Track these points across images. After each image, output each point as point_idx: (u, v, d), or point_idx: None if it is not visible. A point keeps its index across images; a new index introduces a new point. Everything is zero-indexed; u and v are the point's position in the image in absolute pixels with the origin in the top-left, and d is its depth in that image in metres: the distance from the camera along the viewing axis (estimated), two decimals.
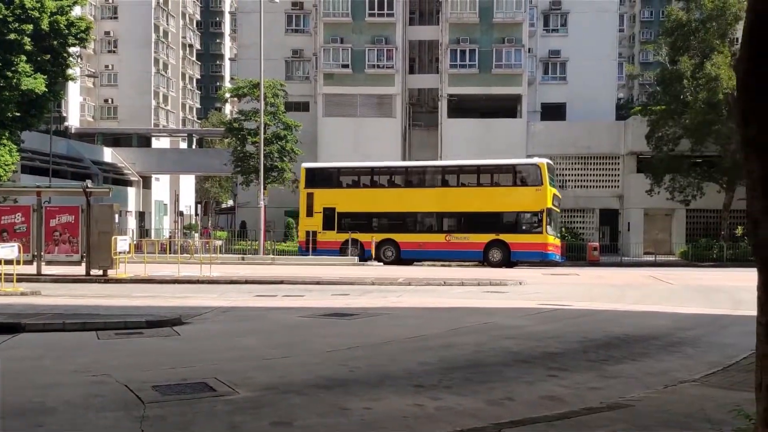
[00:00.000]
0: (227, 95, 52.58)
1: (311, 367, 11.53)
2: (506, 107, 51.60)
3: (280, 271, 30.95)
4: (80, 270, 26.15)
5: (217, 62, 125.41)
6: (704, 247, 44.14)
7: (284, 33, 57.68)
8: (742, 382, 10.53)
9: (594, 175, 48.99)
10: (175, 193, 70.67)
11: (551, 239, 36.04)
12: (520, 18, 50.41)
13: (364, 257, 37.99)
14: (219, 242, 40.72)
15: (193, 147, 72.22)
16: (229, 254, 40.25)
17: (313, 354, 12.72)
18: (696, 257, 43.49)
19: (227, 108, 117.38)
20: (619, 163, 48.47)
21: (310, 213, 39.78)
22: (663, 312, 18.91)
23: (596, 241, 44.44)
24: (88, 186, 26.22)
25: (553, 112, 54.23)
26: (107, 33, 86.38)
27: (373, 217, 38.97)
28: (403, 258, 37.97)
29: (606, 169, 48.75)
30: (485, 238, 36.32)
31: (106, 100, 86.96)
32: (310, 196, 39.78)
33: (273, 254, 40.33)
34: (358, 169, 42.01)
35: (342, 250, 38.34)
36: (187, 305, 19.01)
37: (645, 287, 26.92)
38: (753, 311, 16.58)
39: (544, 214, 35.51)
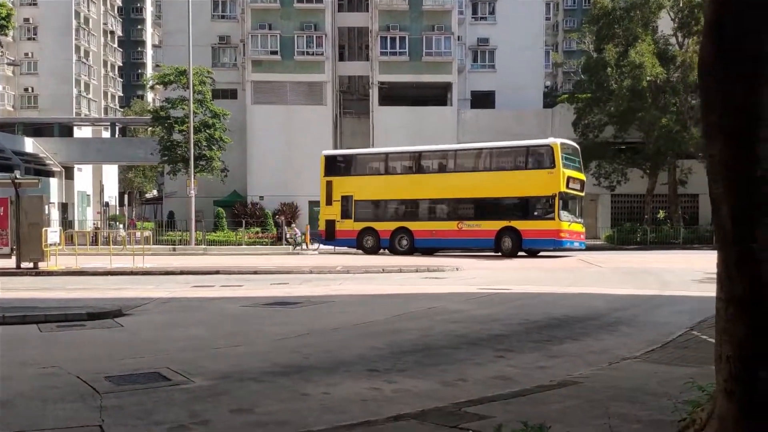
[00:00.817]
0: (152, 83, 51.43)
1: (264, 355, 11.55)
2: (437, 95, 52.06)
3: (214, 262, 30.68)
4: (10, 263, 25.42)
5: (139, 49, 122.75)
6: (629, 231, 45.48)
7: (210, 19, 56.83)
8: (680, 358, 11.00)
9: None
10: (100, 184, 69.04)
11: (565, 225, 33.17)
12: (449, 6, 50.85)
13: (379, 247, 36.84)
14: (147, 233, 40.02)
15: (117, 136, 70.62)
16: (158, 245, 39.60)
17: (263, 342, 12.73)
18: (621, 241, 44.77)
19: (149, 96, 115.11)
20: None
21: (329, 201, 38.42)
22: (597, 293, 19.49)
23: None
24: (17, 177, 25.47)
25: (483, 99, 54.95)
26: (26, 20, 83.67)
27: (388, 204, 37.50)
28: (417, 247, 36.34)
29: None
30: (497, 225, 34.07)
31: (26, 89, 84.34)
32: (329, 185, 38.39)
33: (205, 245, 39.88)
34: (372, 155, 40.70)
35: (359, 240, 37.33)
36: (124, 297, 18.73)
37: (577, 270, 27.64)
38: (680, 291, 17.39)
39: (557, 199, 32.82)
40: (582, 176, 35.48)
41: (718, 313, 5.48)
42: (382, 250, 36.99)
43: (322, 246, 39.77)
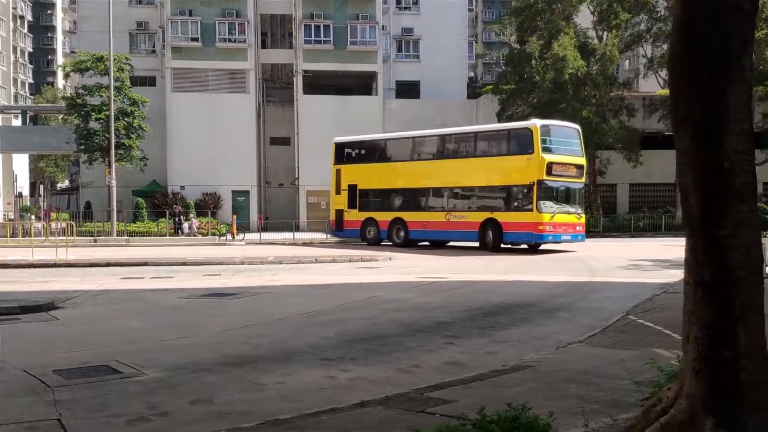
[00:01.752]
0: (69, 69, 49.82)
1: (213, 347, 11.48)
2: (362, 84, 52.10)
3: (139, 253, 30.10)
4: None
5: (49, 35, 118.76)
6: None
7: (128, 4, 55.32)
8: (621, 341, 11.43)
9: None
10: (12, 173, 66.58)
11: (546, 217, 29.54)
12: None
13: (380, 238, 35.06)
14: (63, 224, 38.89)
15: (28, 124, 68.22)
16: (77, 237, 38.48)
17: (209, 333, 12.64)
18: None
19: (61, 83, 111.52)
20: None
21: (338, 191, 36.83)
22: (533, 281, 19.98)
23: None
24: None
25: (408, 89, 55.26)
26: None
27: (386, 194, 35.34)
28: (411, 239, 34.17)
29: None
30: (480, 216, 31.34)
31: None
32: (338, 173, 36.87)
33: (126, 236, 39.03)
34: (372, 141, 38.25)
35: (362, 230, 35.74)
36: (54, 289, 18.24)
37: (509, 259, 28.17)
38: (608, 278, 17.98)
39: (535, 188, 29.33)
40: (577, 160, 31.21)
41: (687, 297, 5.76)
42: (387, 242, 35.27)
43: (331, 237, 38.77)
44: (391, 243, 34.53)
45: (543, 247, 31.40)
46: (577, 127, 32.95)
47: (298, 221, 46.15)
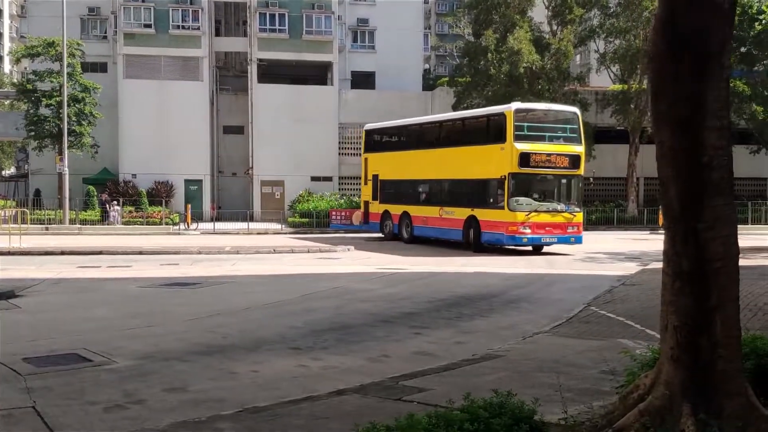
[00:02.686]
0: (20, 55, 48.69)
1: (181, 335, 11.46)
2: (317, 74, 51.83)
3: (94, 241, 29.66)
4: None
5: None
6: None
7: None
8: (586, 331, 11.70)
9: None
10: None
11: (520, 217, 25.47)
12: None
13: (394, 233, 32.32)
14: (12, 212, 38.10)
15: None
16: (28, 225, 37.72)
17: (176, 322, 12.59)
18: None
19: (6, 68, 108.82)
20: None
21: (365, 181, 34.50)
22: (492, 272, 20.24)
23: None
24: None
25: (363, 80, 55.17)
26: None
27: (398, 185, 32.49)
28: (415, 235, 31.08)
29: None
30: (464, 213, 27.89)
31: None
32: (365, 162, 34.50)
33: (79, 224, 38.39)
34: (393, 128, 34.84)
35: (380, 224, 33.31)
36: (11, 278, 17.91)
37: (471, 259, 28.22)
38: (566, 270, 18.31)
39: (506, 182, 25.48)
40: (568, 149, 26.75)
41: (665, 287, 5.95)
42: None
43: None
44: (402, 239, 31.93)
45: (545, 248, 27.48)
46: (574, 110, 28.63)
47: (252, 211, 45.82)
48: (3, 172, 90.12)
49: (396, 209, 32.32)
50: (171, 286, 17.22)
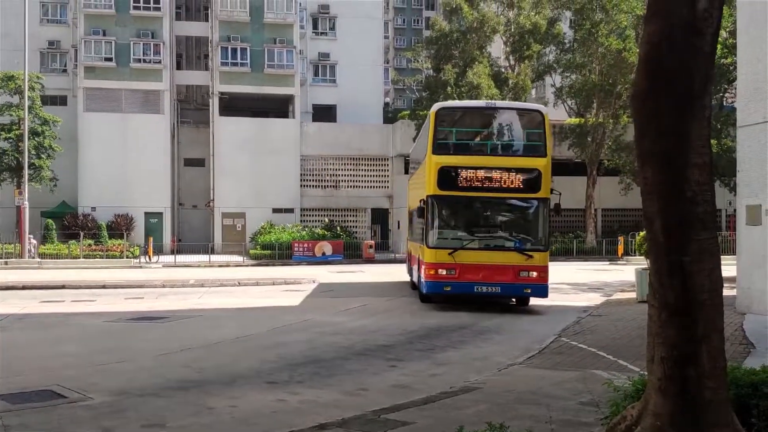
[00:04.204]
0: None
1: (154, 371, 11.33)
2: (279, 108, 51.89)
3: (55, 276, 29.16)
4: None
5: None
6: None
7: (39, 23, 53.77)
8: (560, 363, 11.81)
9: (365, 175, 50.50)
10: None
11: (440, 256, 18.45)
12: (291, 19, 50.81)
13: None
14: None
15: None
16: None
17: (147, 358, 12.45)
18: None
19: None
20: (388, 164, 50.48)
21: None
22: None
23: (370, 239, 46.01)
24: None
25: (325, 113, 55.30)
26: None
27: None
28: None
29: (376, 169, 50.47)
30: (415, 250, 22.51)
31: None
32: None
33: (38, 258, 37.71)
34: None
35: None
36: None
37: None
38: (532, 301, 18.03)
39: (426, 209, 18.86)
40: (524, 162, 19.01)
41: (651, 319, 6.08)
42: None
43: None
44: None
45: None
46: (538, 108, 20.32)
47: (213, 243, 45.43)
48: None
49: None
50: (139, 320, 17.02)
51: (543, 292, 18.60)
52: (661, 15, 5.87)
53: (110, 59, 50.22)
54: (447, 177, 18.48)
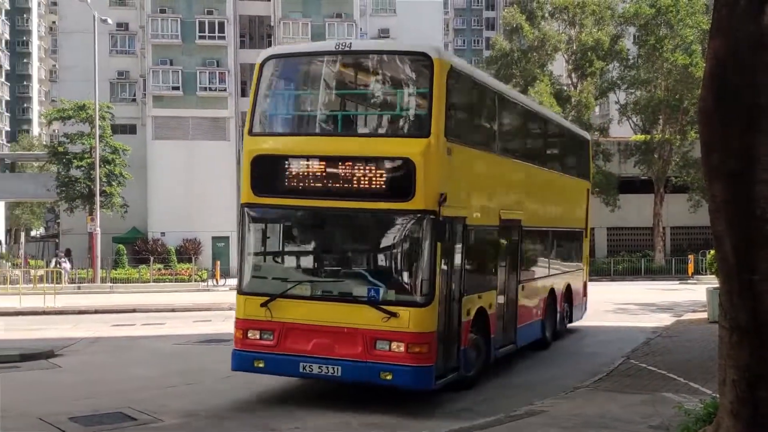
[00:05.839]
0: (52, 118, 49.87)
1: (221, 393, 11.50)
2: None
3: (126, 300, 29.84)
4: None
5: (25, 83, 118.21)
6: None
7: (108, 54, 55.52)
8: (628, 385, 11.57)
9: None
10: None
11: (251, 308, 11.06)
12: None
13: None
14: (41, 272, 38.52)
15: (5, 172, 67.81)
16: (60, 284, 38.06)
17: (213, 379, 12.66)
18: None
19: (36, 130, 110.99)
20: None
21: None
22: None
23: None
24: None
25: None
26: None
27: None
28: None
29: None
30: None
31: None
32: None
33: (110, 282, 38.73)
34: None
35: None
36: (48, 337, 18.09)
37: None
38: (597, 322, 17.86)
39: (239, 229, 11.71)
40: (385, 148, 10.91)
41: (722, 340, 5.95)
42: None
43: None
44: None
45: None
46: (426, 51, 10.77)
47: None
48: (32, 233, 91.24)
49: None
50: (205, 343, 17.35)
51: (422, 380, 10.14)
52: (726, 30, 5.80)
53: (177, 88, 51.59)
54: (267, 173, 11.09)
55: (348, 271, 10.99)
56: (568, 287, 17.57)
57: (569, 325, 18.14)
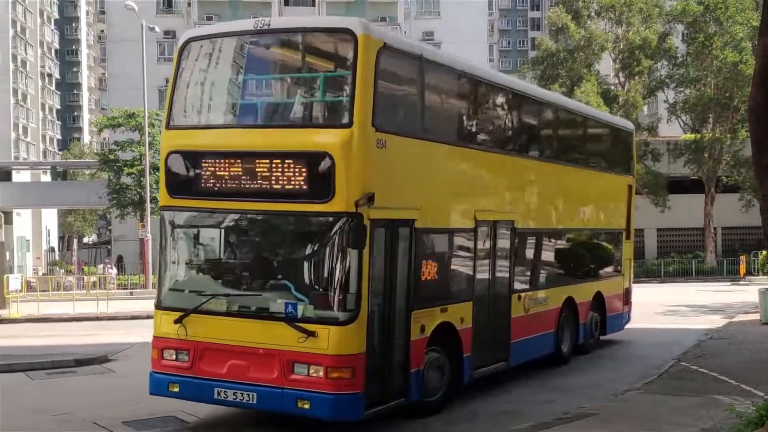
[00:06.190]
0: (102, 125, 50.86)
1: None
2: None
3: None
4: None
5: (75, 91, 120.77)
6: None
7: (157, 62, 56.52)
8: (679, 388, 11.44)
9: None
10: (46, 228, 67.55)
11: (166, 326, 9.90)
12: None
13: None
14: (94, 278, 39.29)
15: (57, 180, 69.36)
16: (116, 290, 38.83)
17: None
18: None
19: (86, 138, 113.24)
20: None
21: None
22: None
23: None
24: None
25: None
26: None
27: None
28: None
29: None
30: None
31: None
32: None
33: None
34: None
35: None
36: (102, 342, 18.41)
37: None
38: (647, 324, 17.59)
39: (161, 229, 10.47)
40: (299, 140, 9.30)
41: None
42: None
43: None
44: None
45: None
46: (350, 26, 9.15)
47: None
48: (84, 240, 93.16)
49: None
50: None
51: (345, 411, 8.80)
52: None
53: None
54: (181, 172, 9.94)
55: (266, 284, 9.56)
56: (598, 295, 15.67)
57: (605, 337, 16.33)
